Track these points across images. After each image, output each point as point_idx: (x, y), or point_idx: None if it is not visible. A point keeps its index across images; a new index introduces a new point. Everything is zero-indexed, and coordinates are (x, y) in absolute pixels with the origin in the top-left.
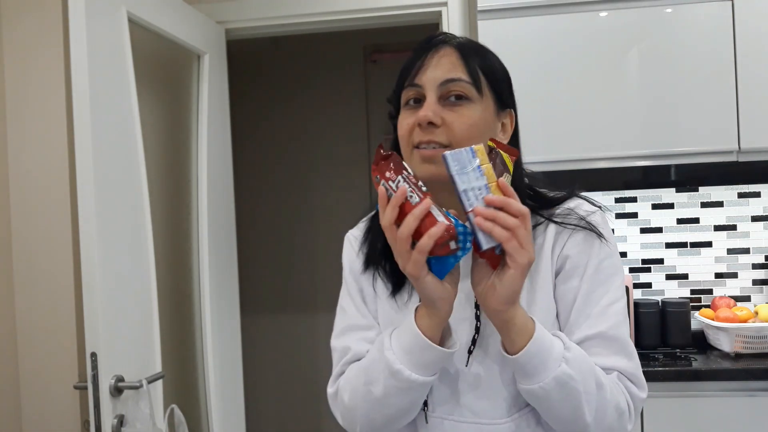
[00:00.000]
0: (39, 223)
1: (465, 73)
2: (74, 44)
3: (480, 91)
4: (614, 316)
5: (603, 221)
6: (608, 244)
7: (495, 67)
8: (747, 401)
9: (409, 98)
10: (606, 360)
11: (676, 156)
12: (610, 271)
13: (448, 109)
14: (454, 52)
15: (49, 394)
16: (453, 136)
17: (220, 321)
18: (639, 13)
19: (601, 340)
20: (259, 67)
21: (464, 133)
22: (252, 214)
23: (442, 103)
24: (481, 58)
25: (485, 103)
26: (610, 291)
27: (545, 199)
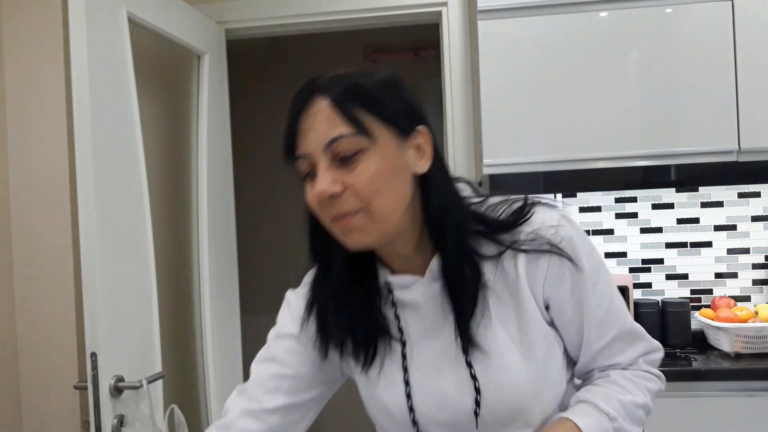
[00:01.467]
0: (39, 223)
1: (345, 125)
2: (74, 44)
3: (369, 135)
4: (618, 313)
5: (570, 228)
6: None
7: (378, 96)
8: (747, 401)
9: (303, 170)
10: (627, 355)
11: (676, 156)
12: (596, 270)
13: (345, 170)
14: (327, 104)
15: (49, 394)
16: (361, 197)
17: (220, 321)
18: (639, 13)
19: (617, 342)
20: (259, 67)
21: (370, 190)
22: (252, 214)
23: (336, 166)
24: (358, 95)
25: (382, 144)
26: (604, 290)
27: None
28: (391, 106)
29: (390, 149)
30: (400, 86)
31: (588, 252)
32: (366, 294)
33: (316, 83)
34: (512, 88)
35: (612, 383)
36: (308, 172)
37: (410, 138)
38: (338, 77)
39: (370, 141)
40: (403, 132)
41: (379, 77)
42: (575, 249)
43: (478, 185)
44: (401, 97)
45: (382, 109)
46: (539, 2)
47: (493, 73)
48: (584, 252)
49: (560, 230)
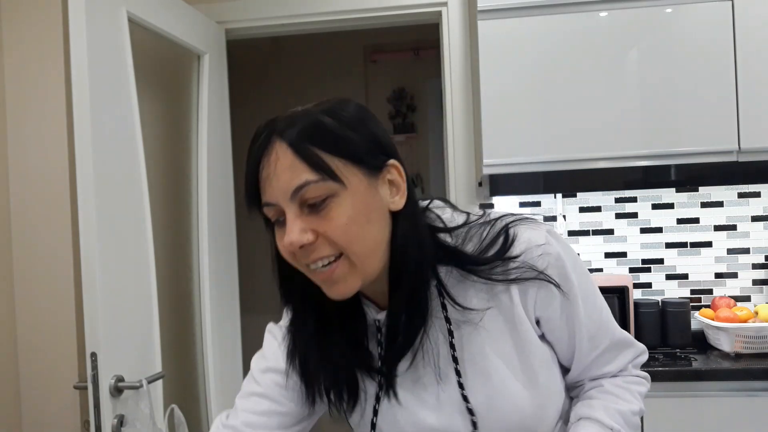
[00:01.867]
0: (39, 223)
1: (310, 171)
2: (74, 44)
3: (337, 179)
4: (608, 325)
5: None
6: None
7: (342, 135)
8: (747, 401)
9: (272, 216)
10: (617, 363)
11: (676, 156)
12: (584, 284)
13: (316, 216)
14: (286, 148)
15: (49, 394)
16: (337, 244)
17: (220, 321)
18: (639, 13)
19: (607, 353)
20: (259, 67)
21: (346, 236)
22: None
23: (306, 212)
24: (321, 136)
25: (352, 185)
26: (593, 303)
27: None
28: (358, 144)
29: (361, 191)
30: (365, 120)
31: (574, 266)
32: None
33: (274, 125)
34: (512, 87)
35: (607, 393)
36: (275, 219)
37: (382, 174)
38: (298, 117)
39: (339, 185)
40: (374, 169)
41: (342, 113)
42: (563, 267)
43: (478, 185)
44: (367, 133)
45: (348, 148)
46: (539, 2)
47: (493, 73)
48: (571, 268)
49: (547, 248)
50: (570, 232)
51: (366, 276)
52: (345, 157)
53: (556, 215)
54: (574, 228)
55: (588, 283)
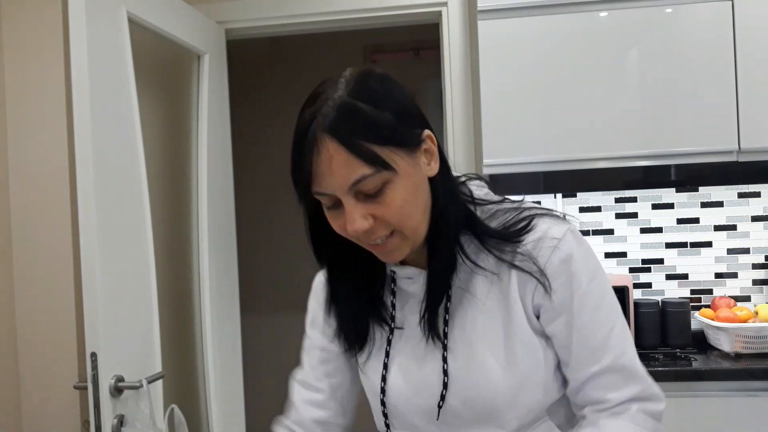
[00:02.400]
0: (39, 223)
1: (365, 165)
2: (74, 44)
3: (389, 168)
4: (617, 343)
5: (575, 245)
6: (586, 266)
7: (384, 122)
8: (747, 401)
9: (325, 203)
10: (621, 393)
11: (676, 156)
12: (598, 294)
13: (372, 203)
14: (338, 146)
15: (49, 394)
16: (394, 224)
17: (220, 321)
18: (639, 13)
19: (610, 374)
20: (259, 67)
21: (402, 217)
22: (252, 213)
23: (362, 200)
24: (367, 129)
25: (400, 168)
26: (605, 317)
27: (505, 234)
28: (396, 126)
29: (409, 171)
30: (393, 93)
31: (587, 270)
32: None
33: (315, 119)
34: (512, 87)
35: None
36: (328, 205)
37: (420, 148)
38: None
39: (391, 173)
40: (414, 146)
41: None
42: (572, 266)
43: None
44: (400, 108)
45: (392, 135)
46: (539, 2)
47: (493, 73)
48: (583, 270)
49: (561, 244)
50: None
51: (415, 243)
52: (391, 144)
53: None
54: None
55: (602, 293)
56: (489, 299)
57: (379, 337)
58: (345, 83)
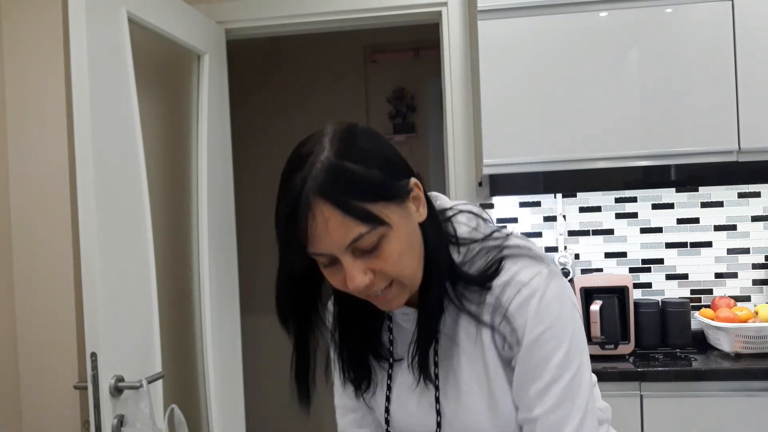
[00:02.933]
0: (39, 223)
1: (359, 224)
2: (74, 44)
3: (383, 222)
4: (552, 399)
5: (544, 287)
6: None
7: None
8: (747, 401)
9: (321, 262)
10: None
11: (676, 156)
12: (549, 346)
13: (370, 258)
14: (332, 210)
15: (49, 394)
16: (393, 275)
17: (220, 321)
18: (639, 13)
19: (539, 426)
20: (259, 67)
21: (400, 268)
22: (252, 213)
23: (360, 256)
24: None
25: (394, 222)
26: (548, 371)
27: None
28: (384, 181)
29: (402, 222)
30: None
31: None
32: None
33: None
34: (512, 88)
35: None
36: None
37: (407, 198)
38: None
39: (386, 227)
40: (403, 197)
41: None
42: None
43: (478, 185)
44: (387, 162)
45: (381, 191)
46: (539, 2)
47: (493, 73)
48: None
49: (524, 289)
50: (570, 232)
51: (413, 288)
52: (382, 199)
53: (556, 215)
54: (574, 228)
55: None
56: (469, 346)
57: (380, 372)
58: (329, 143)
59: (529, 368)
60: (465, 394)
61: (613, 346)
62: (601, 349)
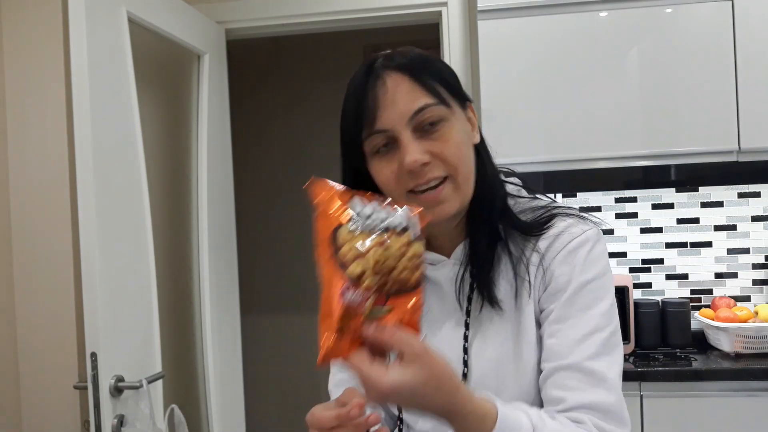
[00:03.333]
0: (39, 223)
1: (428, 96)
2: (74, 44)
3: (448, 105)
4: (593, 346)
5: (594, 240)
6: (595, 264)
7: (445, 71)
8: (747, 401)
9: (377, 145)
10: (582, 396)
11: (676, 156)
12: (595, 295)
13: (429, 139)
14: (403, 77)
15: (49, 394)
16: (448, 165)
17: (220, 321)
18: (639, 13)
19: (575, 372)
20: (259, 67)
21: (458, 157)
22: (252, 214)
23: (419, 136)
24: (429, 69)
25: (456, 115)
26: (592, 318)
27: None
28: (455, 81)
29: (461, 119)
30: (450, 67)
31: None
32: None
33: (383, 60)
34: (512, 88)
35: None
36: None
37: (467, 109)
38: (405, 52)
39: (448, 110)
40: (464, 103)
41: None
42: (576, 260)
43: None
44: (454, 74)
45: (450, 83)
46: (539, 2)
47: (493, 73)
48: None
49: (576, 239)
50: None
51: (464, 199)
52: (449, 87)
53: None
54: None
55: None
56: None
57: None
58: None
59: (570, 315)
60: (492, 348)
61: None
62: None
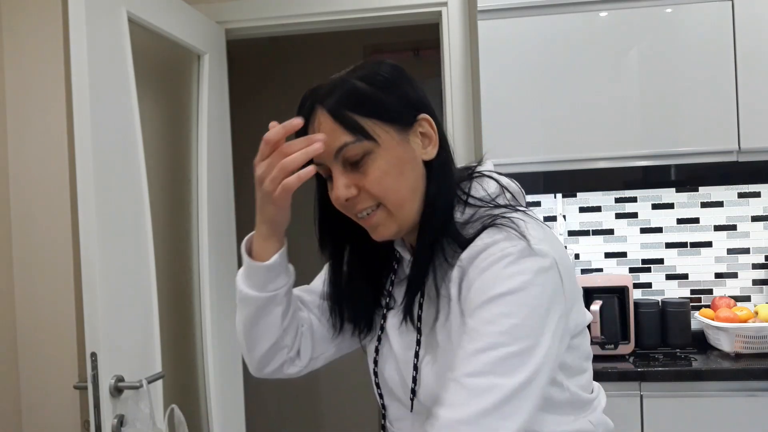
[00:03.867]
0: (39, 223)
1: (347, 134)
2: (74, 44)
3: (372, 138)
4: (481, 363)
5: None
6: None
7: (376, 98)
8: (747, 401)
9: (323, 174)
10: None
11: (676, 156)
12: (500, 311)
13: (356, 173)
14: (325, 114)
15: (49, 394)
16: (374, 195)
17: (220, 321)
18: (639, 13)
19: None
20: (259, 67)
21: (383, 188)
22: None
23: (348, 170)
24: (356, 101)
25: (385, 143)
26: (490, 334)
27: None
28: (390, 104)
29: (394, 146)
30: (397, 80)
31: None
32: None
33: (315, 93)
34: (512, 88)
35: None
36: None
37: (413, 128)
38: (336, 85)
39: (373, 144)
40: (406, 125)
41: (376, 77)
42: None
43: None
44: (399, 92)
45: (380, 110)
46: (539, 2)
47: (493, 73)
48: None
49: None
50: (570, 232)
51: (402, 222)
52: (377, 117)
53: (556, 215)
54: (574, 228)
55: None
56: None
57: (377, 320)
58: (353, 67)
59: (472, 327)
60: (440, 355)
61: (613, 346)
62: (601, 349)
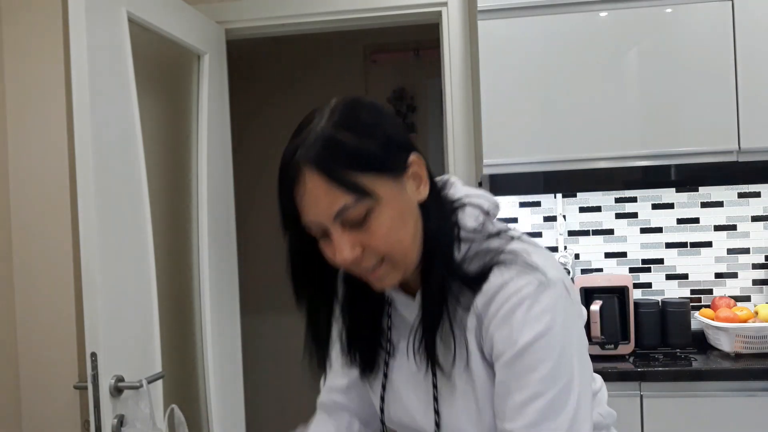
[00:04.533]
0: (39, 224)
1: (344, 194)
2: (74, 44)
3: (371, 195)
4: (533, 414)
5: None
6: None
7: (364, 150)
8: (747, 401)
9: (317, 233)
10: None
11: (676, 156)
12: (535, 357)
13: (359, 231)
14: (318, 176)
15: (49, 394)
16: (382, 251)
17: (220, 321)
18: (639, 13)
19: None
20: (259, 67)
21: (390, 244)
22: (252, 213)
23: (349, 229)
24: (346, 157)
25: (384, 195)
26: (530, 384)
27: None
28: (379, 153)
29: (393, 197)
30: (378, 123)
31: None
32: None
33: (297, 151)
34: (512, 88)
35: None
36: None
37: (406, 173)
38: (318, 139)
39: (372, 200)
40: (399, 171)
41: (357, 123)
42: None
43: (478, 185)
44: (384, 136)
45: (372, 162)
46: (539, 2)
47: (493, 73)
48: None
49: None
50: (570, 232)
51: (407, 269)
52: (372, 170)
53: (556, 215)
54: (574, 228)
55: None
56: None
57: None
58: (329, 113)
59: (511, 379)
60: (458, 397)
61: (613, 346)
62: (601, 349)
